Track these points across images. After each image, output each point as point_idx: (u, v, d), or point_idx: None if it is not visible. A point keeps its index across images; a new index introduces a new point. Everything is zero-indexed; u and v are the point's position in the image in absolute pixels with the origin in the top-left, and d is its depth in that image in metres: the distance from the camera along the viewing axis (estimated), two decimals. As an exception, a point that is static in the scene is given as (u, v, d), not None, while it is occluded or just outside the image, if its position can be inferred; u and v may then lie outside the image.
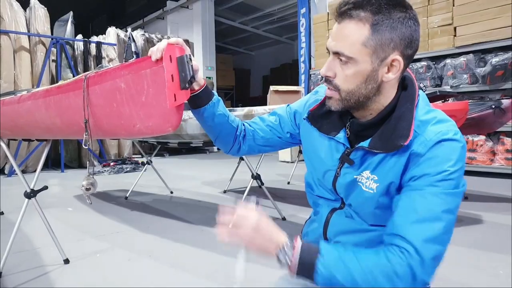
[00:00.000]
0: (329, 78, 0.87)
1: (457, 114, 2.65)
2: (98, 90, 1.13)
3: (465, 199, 3.71)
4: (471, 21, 5.02)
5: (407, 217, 0.78)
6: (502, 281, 1.90)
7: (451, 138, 0.80)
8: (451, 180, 0.78)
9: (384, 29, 0.81)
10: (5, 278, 2.00)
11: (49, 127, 1.44)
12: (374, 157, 0.87)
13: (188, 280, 1.99)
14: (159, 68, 0.95)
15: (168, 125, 0.99)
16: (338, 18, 0.86)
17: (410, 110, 0.85)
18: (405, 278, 0.75)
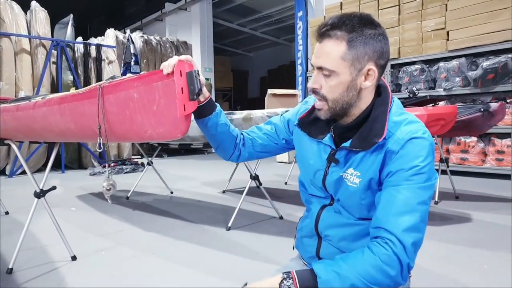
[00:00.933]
0: (316, 89, 1.01)
1: (446, 117, 2.78)
2: (112, 99, 1.24)
3: (456, 198, 3.84)
4: (463, 25, 5.16)
5: (388, 211, 0.91)
6: (486, 276, 2.02)
7: (420, 136, 0.94)
8: (423, 174, 0.92)
9: (359, 44, 0.95)
10: (16, 274, 2.11)
11: (63, 131, 1.55)
12: (356, 155, 1.00)
13: (191, 276, 2.10)
14: (170, 81, 1.06)
15: (178, 132, 1.10)
16: (319, 38, 1.00)
17: (384, 112, 0.99)
18: (393, 264, 0.87)
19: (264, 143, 1.28)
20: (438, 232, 2.79)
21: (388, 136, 0.96)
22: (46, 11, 6.68)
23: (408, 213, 0.89)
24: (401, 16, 5.92)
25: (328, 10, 6.97)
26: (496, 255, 2.30)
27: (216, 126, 1.17)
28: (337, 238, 1.08)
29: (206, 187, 4.86)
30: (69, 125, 1.49)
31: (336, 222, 1.08)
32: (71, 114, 1.44)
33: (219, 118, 1.17)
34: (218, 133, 1.19)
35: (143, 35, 10.37)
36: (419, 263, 2.08)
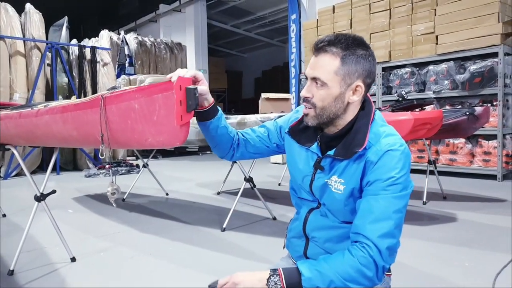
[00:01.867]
0: (308, 98, 1.10)
1: (432, 122, 2.89)
2: (115, 109, 1.33)
3: (443, 198, 3.96)
4: (451, 30, 5.29)
5: (365, 218, 1.01)
6: (466, 272, 2.13)
7: (397, 148, 1.03)
8: (398, 184, 1.01)
9: (351, 62, 1.05)
10: (17, 275, 2.18)
11: (65, 138, 1.63)
12: (340, 164, 1.10)
13: (189, 276, 2.19)
14: (169, 94, 1.15)
15: (176, 140, 1.19)
16: (315, 52, 1.10)
17: (366, 125, 1.09)
18: (369, 266, 0.97)
19: (257, 145, 1.37)
20: (424, 231, 2.90)
21: (368, 147, 1.06)
22: (40, 13, 6.70)
23: (384, 221, 0.99)
24: (391, 20, 6.04)
25: (321, 13, 7.08)
26: (477, 253, 2.41)
27: (216, 129, 1.26)
28: (323, 239, 1.18)
29: (200, 189, 4.94)
30: (71, 133, 1.57)
31: (322, 225, 1.18)
32: (74, 122, 1.52)
33: (220, 122, 1.26)
34: (217, 135, 1.28)
35: (137, 37, 10.42)
36: (404, 261, 2.20)
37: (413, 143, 5.77)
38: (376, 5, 6.23)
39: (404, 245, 2.50)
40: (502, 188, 4.54)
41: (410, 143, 5.82)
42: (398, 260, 2.22)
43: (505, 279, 2.01)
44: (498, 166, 4.98)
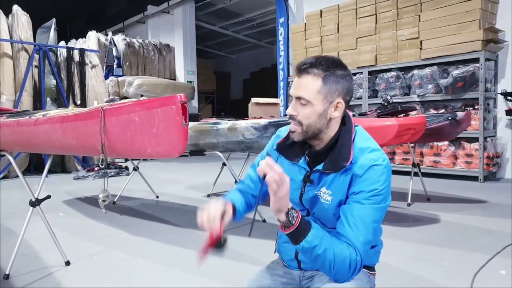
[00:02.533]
0: (294, 116, 1.19)
1: (416, 127, 3.01)
2: (115, 120, 1.39)
3: (427, 200, 4.10)
4: (435, 35, 5.45)
5: (350, 225, 1.13)
6: (446, 271, 2.25)
7: (380, 163, 1.15)
8: (380, 195, 1.13)
9: (331, 82, 1.16)
10: (13, 279, 2.22)
11: (64, 147, 1.69)
12: (328, 177, 1.20)
13: (181, 277, 2.25)
14: (168, 109, 1.22)
15: (175, 151, 1.26)
16: (298, 73, 1.19)
17: (349, 140, 1.19)
18: (353, 265, 1.11)
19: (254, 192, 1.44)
20: (408, 232, 3.02)
21: (354, 161, 1.16)
22: (28, 15, 6.67)
23: (365, 230, 1.12)
24: (377, 25, 6.18)
25: (309, 17, 7.19)
26: (458, 253, 2.53)
27: (240, 217, 1.38)
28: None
29: (190, 191, 5.00)
30: (70, 142, 1.63)
31: None
32: (73, 132, 1.58)
33: (241, 213, 1.37)
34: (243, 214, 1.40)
35: (125, 38, 10.39)
36: (388, 261, 2.31)
37: (399, 145, 5.92)
38: (362, 10, 6.37)
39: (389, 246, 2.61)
40: (483, 189, 4.71)
41: (396, 146, 5.97)
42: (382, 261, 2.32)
43: (483, 279, 2.12)
44: (479, 168, 5.15)
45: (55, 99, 6.96)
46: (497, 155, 5.35)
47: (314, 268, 1.32)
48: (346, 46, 6.58)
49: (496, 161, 5.33)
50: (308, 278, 1.35)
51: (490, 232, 2.98)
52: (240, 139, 2.89)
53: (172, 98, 1.25)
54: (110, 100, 1.49)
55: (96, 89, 7.36)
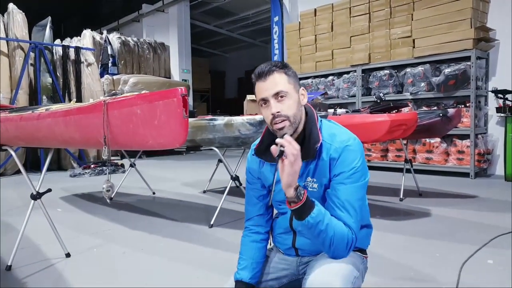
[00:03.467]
0: (279, 113, 1.27)
1: (407, 123, 3.09)
2: (117, 113, 1.45)
3: (419, 195, 4.18)
4: (427, 34, 5.55)
5: (339, 207, 1.23)
6: (436, 261, 2.33)
7: (352, 143, 1.27)
8: (358, 172, 1.25)
9: (291, 74, 1.31)
10: (15, 270, 2.27)
11: (67, 140, 1.74)
12: (310, 166, 1.30)
13: (179, 269, 2.31)
14: (170, 101, 1.28)
15: (176, 142, 1.33)
16: (264, 77, 1.29)
17: (314, 125, 1.32)
18: (349, 243, 1.22)
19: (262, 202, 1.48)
20: (400, 226, 3.10)
21: (329, 146, 1.28)
22: (23, 13, 6.69)
23: (353, 210, 1.23)
24: (371, 24, 6.27)
25: (303, 16, 7.26)
26: (447, 245, 2.62)
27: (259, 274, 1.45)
28: None
29: (186, 188, 5.05)
30: (73, 135, 1.68)
31: None
32: (76, 125, 1.64)
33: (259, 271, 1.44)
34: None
35: (120, 36, 10.41)
36: (381, 253, 2.39)
37: (391, 142, 6.01)
38: (356, 9, 6.45)
39: (380, 238, 2.70)
40: (474, 185, 4.81)
41: (389, 143, 6.06)
42: (375, 252, 2.42)
43: (471, 268, 2.21)
44: (470, 164, 5.25)
45: (51, 97, 6.97)
46: (488, 152, 5.46)
47: (312, 254, 1.39)
48: (340, 44, 6.66)
49: (487, 157, 5.44)
50: (304, 264, 1.42)
51: (479, 225, 3.07)
52: (236, 134, 2.95)
53: (173, 91, 1.31)
54: (112, 94, 1.55)
55: (91, 87, 7.39)
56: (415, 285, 2.02)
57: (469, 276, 2.09)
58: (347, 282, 1.16)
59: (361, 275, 1.31)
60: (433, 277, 2.10)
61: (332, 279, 1.15)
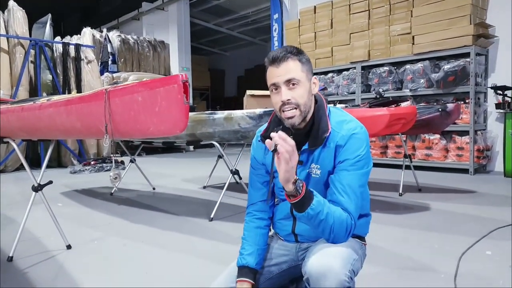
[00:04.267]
0: (289, 100, 1.27)
1: (407, 117, 3.11)
2: (119, 101, 1.46)
3: (419, 191, 4.20)
4: (426, 31, 5.56)
5: (340, 192, 1.24)
6: (434, 252, 2.34)
7: (358, 132, 1.29)
8: (363, 160, 1.27)
9: (305, 62, 1.30)
10: (17, 261, 2.28)
11: (68, 130, 1.76)
12: (315, 153, 1.31)
13: (180, 259, 2.33)
14: (171, 87, 1.29)
15: (177, 128, 1.34)
16: (277, 63, 1.28)
17: (324, 114, 1.33)
18: (349, 228, 1.24)
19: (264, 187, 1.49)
20: (399, 219, 3.12)
21: (336, 134, 1.28)
22: (23, 10, 6.70)
23: (354, 195, 1.24)
24: (370, 21, 6.28)
25: (303, 13, 7.28)
26: (446, 237, 2.63)
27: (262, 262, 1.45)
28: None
29: (186, 183, 5.07)
30: (75, 124, 1.69)
31: None
32: (77, 114, 1.65)
33: (261, 259, 1.44)
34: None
35: (120, 34, 10.41)
36: (380, 244, 2.41)
37: (391, 139, 6.03)
38: (355, 6, 6.47)
39: (380, 231, 2.72)
40: (474, 181, 4.82)
41: (388, 139, 6.08)
42: (375, 244, 2.44)
43: (470, 258, 2.22)
44: (470, 160, 5.27)
45: (51, 94, 6.97)
46: (487, 148, 5.47)
47: (311, 240, 1.41)
48: (339, 41, 6.68)
49: (486, 154, 5.46)
50: (303, 250, 1.43)
51: (478, 219, 3.09)
52: (236, 128, 2.97)
53: (174, 77, 1.32)
54: (113, 83, 1.56)
55: (91, 84, 7.40)
56: (414, 275, 2.03)
57: (467, 265, 2.11)
58: (347, 264, 1.17)
59: (360, 259, 1.32)
60: (431, 267, 2.11)
61: (332, 260, 1.16)
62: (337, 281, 1.12)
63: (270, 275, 1.47)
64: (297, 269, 1.46)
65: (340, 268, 1.14)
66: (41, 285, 1.98)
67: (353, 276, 1.20)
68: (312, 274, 1.15)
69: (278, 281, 1.49)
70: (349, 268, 1.17)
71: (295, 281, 1.55)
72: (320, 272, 1.14)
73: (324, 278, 1.13)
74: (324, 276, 1.13)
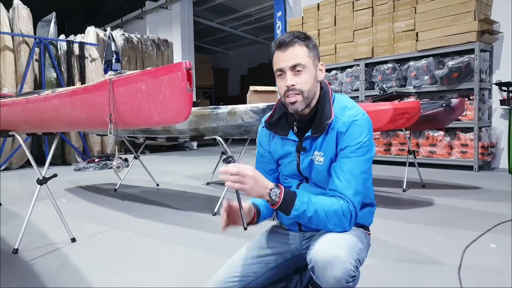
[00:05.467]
0: (294, 86, 1.27)
1: (410, 111, 3.10)
2: (123, 90, 1.47)
3: (422, 187, 4.19)
4: (430, 27, 5.54)
5: (340, 179, 1.23)
6: (438, 246, 2.34)
7: (360, 118, 1.26)
8: (364, 147, 1.25)
9: (312, 48, 1.30)
10: (22, 254, 2.30)
11: (72, 121, 1.77)
12: (318, 140, 1.30)
13: (184, 253, 2.34)
14: (174, 75, 1.30)
15: (180, 116, 1.34)
16: (284, 47, 1.28)
17: (328, 101, 1.31)
18: (347, 215, 1.21)
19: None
20: (403, 214, 3.11)
21: (337, 120, 1.27)
22: (28, 8, 6.74)
23: (354, 181, 1.22)
24: (374, 18, 6.27)
25: (306, 11, 7.27)
26: (450, 231, 2.62)
27: (264, 219, 1.46)
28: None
29: (190, 180, 5.08)
30: (79, 115, 1.70)
31: (311, 192, 1.34)
32: (82, 105, 1.66)
33: (264, 216, 1.44)
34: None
35: (124, 33, 10.44)
36: (384, 238, 2.40)
37: (395, 136, 6.01)
38: (359, 3, 6.45)
39: (385, 225, 2.72)
40: (478, 177, 4.80)
41: (392, 136, 6.06)
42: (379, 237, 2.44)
43: (474, 251, 2.22)
44: (474, 157, 5.24)
45: (55, 92, 7.01)
46: (492, 145, 5.45)
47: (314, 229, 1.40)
48: (343, 39, 6.66)
49: (490, 150, 5.43)
50: (307, 239, 1.43)
51: (482, 213, 3.07)
52: (240, 122, 2.97)
53: (177, 65, 1.33)
54: (118, 73, 1.57)
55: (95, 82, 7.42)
56: (418, 267, 2.03)
57: (471, 258, 2.10)
58: (352, 253, 1.16)
59: (365, 248, 1.32)
60: (435, 260, 2.11)
61: (337, 249, 1.14)
62: (343, 270, 1.11)
63: (274, 264, 1.46)
64: (300, 258, 1.46)
65: (346, 256, 1.13)
66: (45, 276, 1.99)
67: (359, 265, 1.19)
68: (317, 262, 1.14)
69: (282, 271, 1.49)
70: (354, 257, 1.16)
71: (299, 270, 1.55)
72: (326, 261, 1.12)
73: (331, 267, 1.11)
74: (330, 265, 1.11)
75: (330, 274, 1.11)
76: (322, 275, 1.13)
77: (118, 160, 1.81)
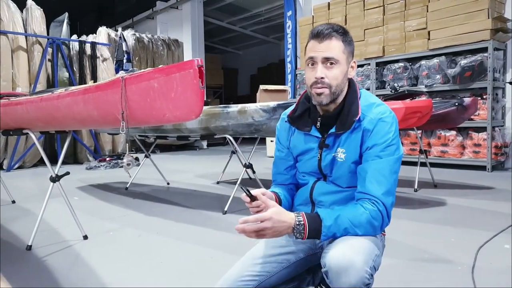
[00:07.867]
0: (323, 79, 1.25)
1: (422, 110, 3.07)
2: (135, 88, 1.48)
3: (434, 187, 4.14)
4: (443, 26, 5.48)
5: (370, 179, 1.20)
6: (451, 246, 2.31)
7: (387, 116, 1.23)
8: (393, 145, 1.21)
9: (348, 44, 1.26)
10: (35, 250, 2.33)
11: (85, 119, 1.78)
12: (341, 137, 1.27)
13: (195, 250, 2.34)
14: (186, 73, 1.30)
15: (192, 114, 1.35)
16: (320, 38, 1.25)
17: (356, 97, 1.28)
18: (378, 218, 1.18)
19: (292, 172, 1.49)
20: (415, 214, 3.08)
21: (363, 117, 1.24)
22: (41, 9, 6.83)
23: (385, 181, 1.19)
24: (385, 17, 6.22)
25: (316, 10, 7.24)
26: (463, 231, 2.59)
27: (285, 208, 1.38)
28: (329, 202, 1.33)
29: (200, 179, 5.09)
30: (91, 113, 1.72)
31: (328, 190, 1.34)
32: (94, 103, 1.68)
33: (285, 206, 1.39)
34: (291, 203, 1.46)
35: (135, 33, 10.52)
36: (397, 238, 2.38)
37: (406, 136, 5.96)
38: (370, 2, 6.40)
39: (396, 225, 2.70)
40: (491, 178, 4.73)
41: (403, 136, 6.01)
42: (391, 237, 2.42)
43: (487, 252, 2.19)
44: (487, 157, 5.17)
45: (67, 91, 7.10)
46: (505, 145, 5.36)
47: None
48: (353, 37, 6.54)
49: (504, 151, 5.35)
50: (323, 239, 1.42)
51: (496, 213, 3.03)
52: (250, 121, 2.97)
53: (189, 63, 1.33)
54: (130, 71, 1.58)
55: (107, 82, 7.49)
56: (431, 267, 2.01)
57: (485, 258, 2.08)
58: (369, 260, 1.13)
59: (381, 253, 1.30)
60: (448, 260, 2.08)
61: (353, 256, 1.11)
62: (358, 278, 1.08)
63: (287, 263, 1.44)
64: (314, 257, 1.44)
65: (362, 264, 1.10)
66: (58, 272, 2.01)
67: (374, 273, 1.16)
68: (332, 267, 1.11)
69: (295, 270, 1.47)
70: (370, 264, 1.13)
71: (312, 269, 1.54)
72: (341, 267, 1.10)
73: (345, 274, 1.09)
74: (345, 271, 1.09)
75: (344, 281, 1.09)
76: (336, 281, 1.11)
77: (128, 157, 1.81)
